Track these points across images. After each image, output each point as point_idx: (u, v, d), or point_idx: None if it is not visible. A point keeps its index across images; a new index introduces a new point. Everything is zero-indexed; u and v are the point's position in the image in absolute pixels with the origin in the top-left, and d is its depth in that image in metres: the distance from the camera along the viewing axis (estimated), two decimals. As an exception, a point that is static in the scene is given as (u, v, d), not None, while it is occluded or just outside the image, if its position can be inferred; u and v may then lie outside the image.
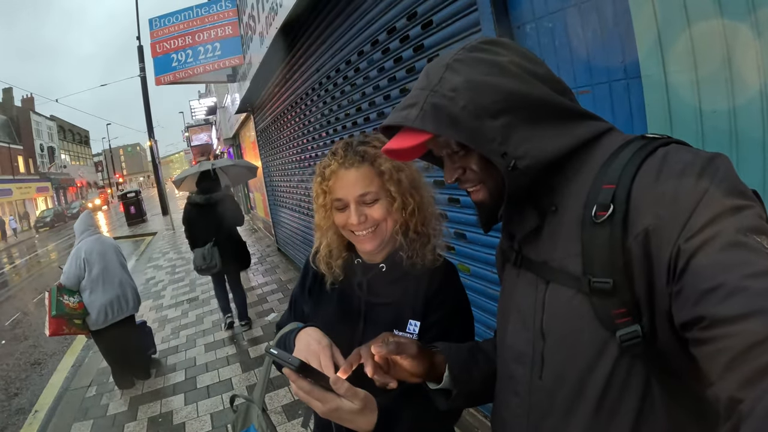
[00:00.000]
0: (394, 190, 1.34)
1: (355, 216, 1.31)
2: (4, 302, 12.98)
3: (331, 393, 1.05)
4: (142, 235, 21.53)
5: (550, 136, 0.90)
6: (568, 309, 0.89)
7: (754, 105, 1.39)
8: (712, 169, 0.75)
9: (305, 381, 1.04)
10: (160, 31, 9.47)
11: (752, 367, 0.58)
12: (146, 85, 25.87)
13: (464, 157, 0.98)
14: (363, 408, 1.07)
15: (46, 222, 40.26)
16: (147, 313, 7.96)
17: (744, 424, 0.57)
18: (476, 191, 1.00)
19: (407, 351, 1.07)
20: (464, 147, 0.96)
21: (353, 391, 1.06)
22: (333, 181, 1.34)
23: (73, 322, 4.88)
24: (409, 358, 1.07)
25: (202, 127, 38.16)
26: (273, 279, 8.91)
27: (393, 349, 1.04)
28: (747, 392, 0.58)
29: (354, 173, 1.32)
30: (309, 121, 6.32)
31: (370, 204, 1.33)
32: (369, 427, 1.11)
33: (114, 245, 5.47)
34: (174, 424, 4.37)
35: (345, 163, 1.33)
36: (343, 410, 1.06)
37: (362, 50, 4.12)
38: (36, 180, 49.02)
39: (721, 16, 1.41)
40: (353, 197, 1.32)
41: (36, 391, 6.14)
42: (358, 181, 1.32)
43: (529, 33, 2.27)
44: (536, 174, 0.90)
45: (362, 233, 1.33)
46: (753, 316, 0.60)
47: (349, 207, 1.32)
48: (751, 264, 0.64)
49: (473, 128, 0.87)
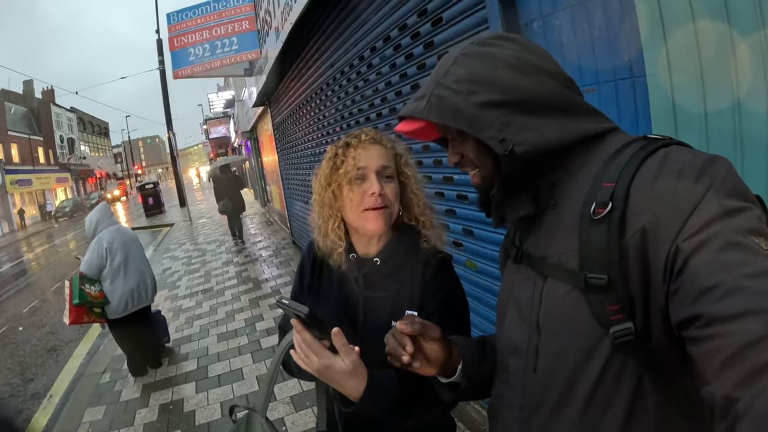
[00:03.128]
0: (409, 173, 1.45)
1: (377, 184, 1.35)
2: (22, 290, 13.18)
3: (328, 351, 1.14)
4: (160, 226, 21.73)
5: (552, 126, 0.92)
6: (563, 304, 0.90)
7: (759, 106, 1.39)
8: (712, 170, 0.75)
9: (309, 334, 1.14)
10: (177, 25, 9.55)
11: (748, 366, 0.59)
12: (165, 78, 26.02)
13: (462, 143, 1.03)
14: (353, 370, 1.15)
15: (65, 212, 40.68)
16: (162, 302, 8.04)
17: (740, 423, 0.57)
18: (474, 175, 1.05)
19: (432, 334, 1.09)
20: (462, 134, 1.00)
21: (347, 349, 1.15)
22: (358, 151, 1.39)
23: (92, 311, 4.92)
24: (432, 342, 1.09)
25: (221, 120, 38.32)
26: (287, 271, 8.97)
27: (418, 328, 1.06)
28: (743, 391, 0.58)
29: (378, 148, 1.42)
30: (324, 115, 6.35)
31: (387, 180, 1.39)
32: (357, 392, 1.18)
33: (134, 236, 5.54)
34: (185, 412, 4.44)
35: (369, 140, 1.41)
36: (334, 369, 1.14)
37: (374, 46, 4.14)
38: (56, 171, 49.47)
39: (727, 15, 1.41)
40: (376, 166, 1.38)
41: (51, 377, 6.25)
42: (381, 155, 1.41)
43: (536, 30, 2.27)
44: (533, 160, 0.91)
45: (376, 207, 1.36)
46: (750, 316, 0.60)
47: (369, 177, 1.37)
48: (749, 264, 0.65)
49: (473, 117, 0.91)
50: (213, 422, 4.20)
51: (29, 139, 44.55)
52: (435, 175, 3.42)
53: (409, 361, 1.04)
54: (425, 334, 1.08)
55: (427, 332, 1.08)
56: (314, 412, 4.00)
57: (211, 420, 4.24)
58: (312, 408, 4.09)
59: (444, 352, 1.11)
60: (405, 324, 1.05)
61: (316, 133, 7.00)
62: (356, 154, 1.39)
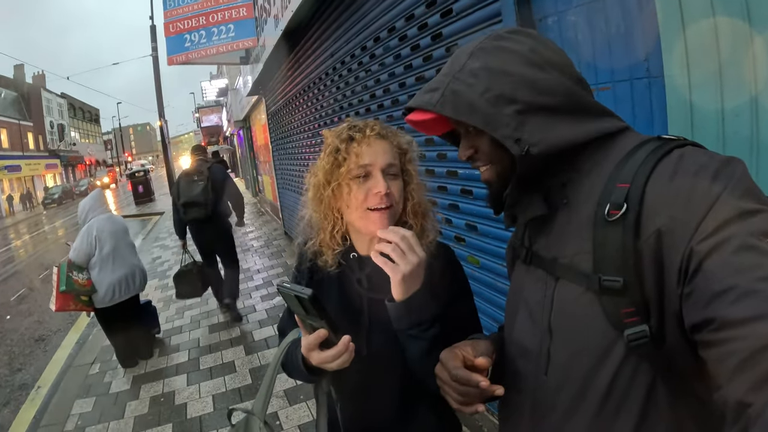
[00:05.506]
0: (412, 171, 1.36)
1: (383, 182, 1.26)
2: (10, 277, 13.06)
3: (323, 330, 1.12)
4: (150, 215, 21.64)
5: (566, 125, 0.91)
6: (576, 306, 0.89)
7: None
8: (727, 172, 0.75)
9: None
10: (173, 11, 9.45)
11: (762, 371, 0.59)
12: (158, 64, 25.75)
13: (477, 137, 1.01)
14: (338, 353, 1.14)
15: (54, 198, 40.42)
16: (152, 292, 7.98)
17: (752, 428, 0.57)
18: (485, 171, 1.02)
19: (486, 351, 1.07)
20: (478, 128, 0.97)
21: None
22: (362, 147, 1.28)
23: (79, 299, 4.91)
24: (485, 357, 1.04)
25: (213, 109, 38.23)
26: (279, 263, 8.93)
27: (490, 357, 1.04)
28: (756, 396, 0.58)
29: (384, 144, 1.31)
30: (321, 105, 6.30)
31: (392, 178, 1.30)
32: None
33: (124, 225, 5.50)
34: (176, 405, 4.39)
35: (375, 135, 1.30)
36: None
37: (378, 36, 4.09)
38: (45, 157, 49.09)
39: (748, 17, 1.38)
40: (381, 164, 1.28)
41: (39, 367, 6.17)
42: (387, 151, 1.30)
43: (551, 26, 2.23)
44: (548, 160, 0.91)
45: (381, 207, 1.27)
46: (764, 320, 0.60)
47: (373, 175, 1.28)
48: (763, 267, 0.64)
49: (489, 114, 0.90)
50: (205, 416, 4.15)
51: (19, 125, 44.12)
52: (438, 169, 3.39)
53: (487, 385, 0.97)
54: (482, 353, 1.06)
55: (483, 351, 1.07)
56: (308, 405, 4.00)
57: (203, 413, 4.19)
58: (306, 402, 4.05)
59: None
60: (484, 359, 1.02)
61: (313, 124, 6.95)
62: (360, 151, 1.28)
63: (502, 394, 0.97)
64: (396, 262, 1.12)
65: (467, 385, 0.97)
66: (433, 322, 1.18)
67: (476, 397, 0.99)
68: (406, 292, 1.15)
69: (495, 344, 1.13)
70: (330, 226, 1.37)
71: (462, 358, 1.02)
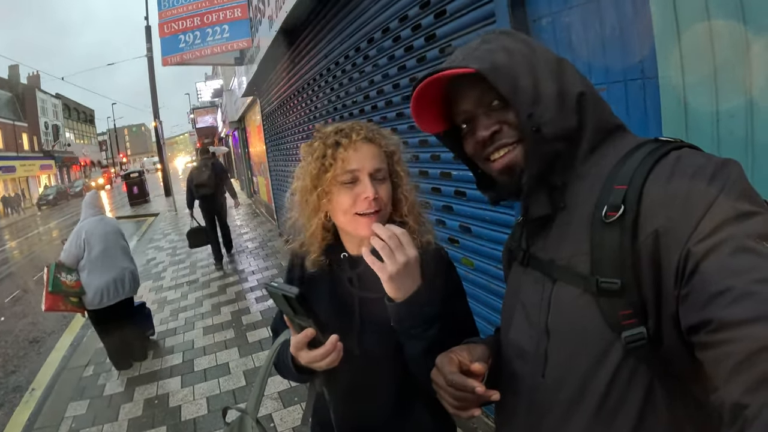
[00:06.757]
0: (401, 172, 1.35)
1: (371, 188, 1.24)
2: (4, 279, 12.99)
3: (311, 329, 1.12)
4: (145, 216, 21.51)
5: (572, 113, 0.91)
6: (574, 308, 0.89)
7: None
8: (724, 173, 0.75)
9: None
10: (168, 11, 9.42)
11: (758, 373, 0.58)
12: (153, 65, 25.71)
13: (503, 111, 0.96)
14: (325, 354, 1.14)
15: (48, 200, 40.21)
16: (146, 294, 7.95)
17: (749, 430, 0.57)
18: (509, 152, 0.96)
19: (482, 356, 1.06)
20: (504, 101, 0.94)
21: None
22: (349, 152, 1.27)
23: (69, 300, 4.88)
24: (481, 362, 1.02)
25: (208, 110, 38.15)
26: (274, 264, 8.91)
27: (486, 362, 1.03)
28: (752, 398, 0.58)
29: (371, 148, 1.29)
30: (315, 107, 6.29)
31: (380, 182, 1.28)
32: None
33: (116, 227, 5.46)
34: (170, 407, 4.36)
35: (361, 139, 1.29)
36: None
37: (372, 37, 4.09)
38: (40, 157, 48.86)
39: (743, 18, 1.37)
40: (369, 169, 1.26)
41: (33, 369, 6.13)
42: (374, 155, 1.29)
43: (545, 27, 2.23)
44: (557, 146, 0.91)
45: (370, 212, 1.25)
46: (760, 321, 0.60)
47: (361, 180, 1.26)
48: (760, 269, 0.64)
49: (513, 77, 0.90)
50: (199, 418, 4.13)
51: (13, 125, 43.96)
52: (432, 170, 3.38)
53: (483, 391, 0.95)
54: (478, 358, 1.04)
55: (479, 355, 1.06)
56: (302, 408, 3.94)
57: (197, 416, 4.17)
58: (300, 404, 4.04)
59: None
60: (480, 364, 0.99)
61: (307, 125, 6.93)
62: (347, 156, 1.26)
63: (498, 399, 0.95)
64: (384, 260, 1.11)
65: (463, 391, 0.96)
66: (433, 322, 1.17)
67: (472, 402, 0.97)
68: (401, 290, 1.14)
69: (491, 348, 1.11)
70: (317, 229, 1.36)
71: (458, 363, 1.01)
